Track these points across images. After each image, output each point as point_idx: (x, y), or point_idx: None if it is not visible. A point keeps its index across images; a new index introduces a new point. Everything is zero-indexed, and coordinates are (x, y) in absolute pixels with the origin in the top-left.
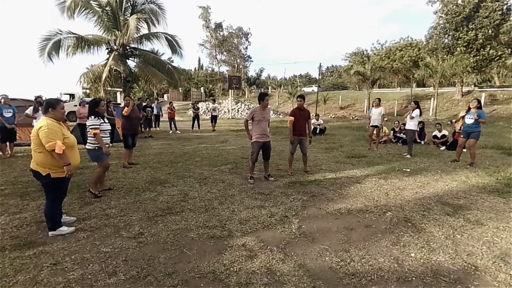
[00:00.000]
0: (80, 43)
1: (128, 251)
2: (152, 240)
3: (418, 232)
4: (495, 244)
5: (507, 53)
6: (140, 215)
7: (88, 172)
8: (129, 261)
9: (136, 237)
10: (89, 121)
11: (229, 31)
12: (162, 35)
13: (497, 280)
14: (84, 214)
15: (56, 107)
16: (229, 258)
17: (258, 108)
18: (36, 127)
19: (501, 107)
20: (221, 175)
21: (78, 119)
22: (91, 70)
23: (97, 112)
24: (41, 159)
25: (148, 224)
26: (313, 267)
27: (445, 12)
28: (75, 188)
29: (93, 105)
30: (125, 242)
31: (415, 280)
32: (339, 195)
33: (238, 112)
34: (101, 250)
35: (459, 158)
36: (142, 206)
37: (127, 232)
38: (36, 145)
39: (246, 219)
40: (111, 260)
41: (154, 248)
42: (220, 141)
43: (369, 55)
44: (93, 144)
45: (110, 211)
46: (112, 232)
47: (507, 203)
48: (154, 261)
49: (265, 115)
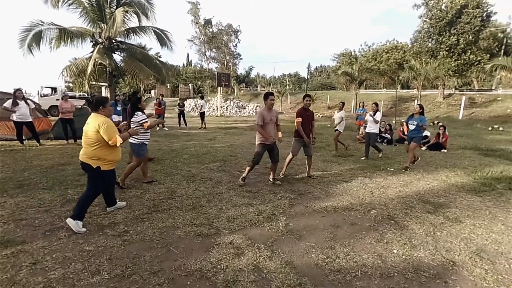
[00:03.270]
0: (63, 35)
1: (113, 249)
2: (137, 238)
3: (401, 229)
4: (472, 241)
5: (486, 58)
6: (125, 213)
7: (70, 168)
8: (114, 260)
9: (121, 235)
10: (138, 117)
11: (218, 27)
12: (151, 29)
13: (473, 275)
14: (66, 212)
15: (106, 105)
16: (216, 256)
17: (265, 110)
18: (93, 125)
19: (479, 109)
20: (209, 172)
21: (61, 113)
22: (75, 63)
23: (140, 108)
24: (95, 153)
25: (133, 222)
26: (300, 264)
27: (429, 16)
28: (57, 185)
29: (136, 101)
30: (110, 240)
31: (397, 276)
32: (325, 194)
33: (227, 110)
34: (84, 249)
35: (415, 160)
36: (127, 204)
37: (112, 230)
38: (94, 140)
39: (233, 217)
40: (94, 259)
41: (140, 246)
42: (208, 138)
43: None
44: (138, 139)
45: (93, 208)
46: (96, 230)
47: (483, 202)
48: (139, 260)
49: (272, 117)
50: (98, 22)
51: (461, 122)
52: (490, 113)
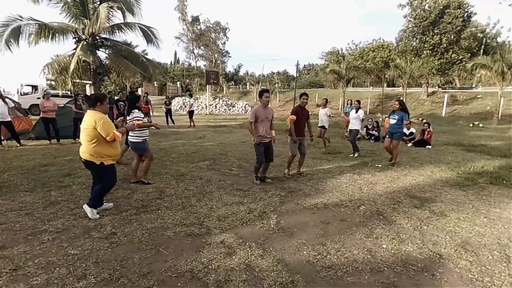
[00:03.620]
0: (44, 30)
1: (99, 252)
2: (125, 240)
3: (389, 224)
4: (457, 234)
5: (467, 57)
6: (112, 214)
7: (53, 169)
8: (100, 263)
9: (108, 237)
10: (134, 114)
11: (206, 25)
12: (137, 26)
13: (459, 267)
14: (49, 215)
15: (103, 102)
16: (208, 255)
17: (260, 107)
18: (89, 122)
19: (461, 107)
20: (198, 171)
21: (42, 112)
22: (57, 60)
23: (138, 106)
24: (96, 150)
25: (121, 223)
26: (292, 262)
27: (413, 16)
28: (39, 187)
29: (134, 100)
30: (96, 243)
31: (386, 270)
32: (316, 191)
33: (216, 108)
34: (68, 253)
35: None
36: (114, 205)
37: (98, 233)
38: (92, 137)
39: (224, 216)
40: (80, 263)
41: (128, 248)
42: (197, 137)
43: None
44: (140, 137)
45: (78, 210)
46: (81, 233)
47: (466, 196)
48: (127, 262)
49: (267, 115)
50: (81, 17)
51: (444, 119)
52: (471, 110)
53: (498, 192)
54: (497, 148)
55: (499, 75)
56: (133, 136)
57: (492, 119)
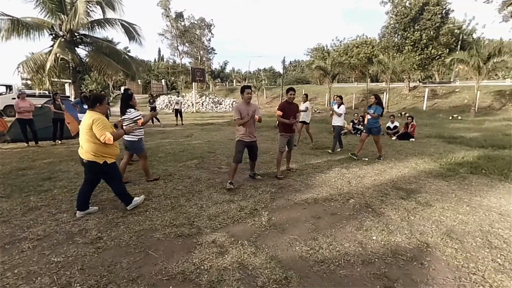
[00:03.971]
0: (16, 26)
1: (85, 258)
2: (112, 244)
3: (378, 216)
4: (442, 223)
5: (446, 53)
6: (97, 218)
7: (32, 173)
8: (86, 270)
9: (93, 242)
10: (132, 114)
11: (190, 21)
12: (118, 22)
13: (445, 255)
14: (28, 221)
15: (102, 103)
16: (199, 256)
17: (242, 104)
18: (87, 122)
19: (440, 101)
20: (187, 170)
21: (18, 113)
22: (32, 58)
23: (131, 105)
24: (98, 149)
25: (107, 227)
26: (285, 258)
27: (395, 13)
28: (17, 192)
29: (127, 98)
30: (81, 249)
31: (377, 262)
32: (305, 186)
33: (202, 106)
34: (51, 260)
35: (358, 153)
36: (99, 208)
37: (83, 238)
38: (91, 136)
39: (215, 215)
40: (64, 271)
41: (116, 252)
42: (185, 135)
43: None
44: (136, 136)
45: (61, 215)
46: (65, 239)
47: (449, 186)
48: (115, 267)
49: (249, 112)
50: (58, 13)
51: (425, 112)
52: (450, 103)
53: (478, 181)
54: (475, 139)
55: (475, 69)
56: (129, 135)
57: (470, 111)
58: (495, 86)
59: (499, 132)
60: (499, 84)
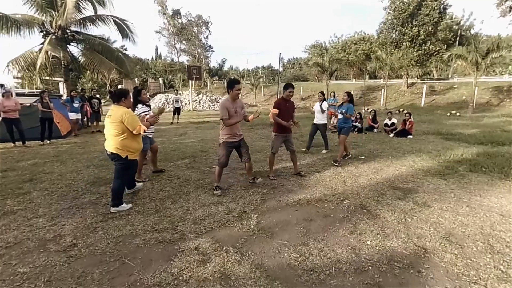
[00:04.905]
0: (5, 23)
1: (54, 268)
2: (86, 252)
3: (373, 218)
4: (441, 225)
5: (444, 48)
6: (75, 222)
7: (12, 175)
8: (54, 282)
9: (67, 250)
10: (139, 109)
11: (188, 18)
12: (110, 19)
13: (444, 261)
14: (0, 227)
15: (127, 97)
16: (179, 265)
17: (228, 101)
18: (116, 116)
19: (438, 97)
20: (176, 170)
21: (3, 113)
22: (23, 56)
23: (141, 101)
24: (124, 143)
25: (84, 232)
26: (271, 266)
27: (392, 8)
28: None
29: (136, 94)
30: (52, 257)
31: (371, 270)
32: (299, 186)
33: (199, 104)
34: (16, 271)
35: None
36: (79, 212)
37: (56, 245)
38: (120, 130)
39: (201, 218)
40: (29, 283)
41: (89, 261)
42: (178, 134)
43: (327, 48)
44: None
45: (36, 220)
46: (36, 246)
47: (448, 185)
48: (86, 279)
49: (237, 109)
50: (48, 9)
51: (423, 109)
52: (448, 100)
53: (478, 180)
54: (474, 136)
55: (473, 65)
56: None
57: (468, 108)
58: (493, 82)
59: (498, 128)
60: (497, 80)
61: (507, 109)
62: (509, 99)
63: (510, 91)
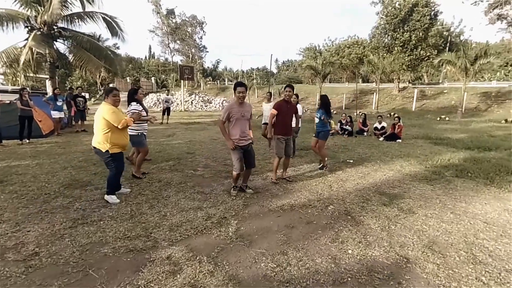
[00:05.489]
0: None
1: (9, 280)
2: (48, 262)
3: (357, 225)
4: (424, 233)
5: (434, 54)
6: (41, 228)
7: None
8: None
9: (26, 259)
10: (131, 107)
11: (182, 18)
12: (100, 16)
13: (426, 272)
14: None
15: (109, 95)
16: (147, 276)
17: (234, 104)
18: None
19: (429, 101)
20: (158, 173)
21: None
22: (5, 51)
23: (137, 99)
24: (104, 138)
25: (49, 240)
26: (246, 277)
27: (385, 13)
28: None
29: (132, 93)
30: (9, 268)
31: (350, 281)
32: (284, 190)
33: (192, 105)
34: None
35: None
36: (47, 217)
37: (16, 254)
38: (103, 126)
39: (177, 225)
40: None
41: (49, 272)
42: (166, 135)
43: (321, 51)
44: (137, 130)
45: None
46: None
47: (434, 190)
48: None
49: (244, 113)
50: (33, 4)
51: (414, 113)
52: (438, 104)
53: (464, 185)
54: (461, 141)
55: (463, 70)
56: (130, 129)
57: (457, 112)
58: (482, 87)
59: (485, 133)
60: (485, 86)
61: (495, 114)
62: (496, 105)
63: (497, 97)
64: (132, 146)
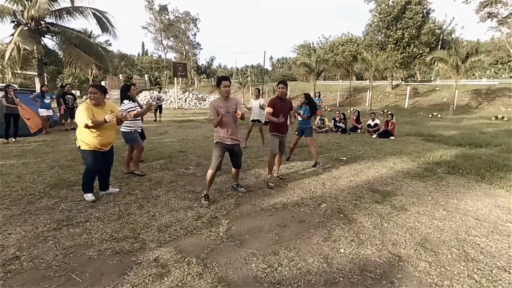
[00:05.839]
0: None
1: None
2: (29, 266)
3: (349, 223)
4: (416, 230)
5: (426, 51)
6: (24, 231)
7: None
8: None
9: (6, 264)
10: (125, 105)
11: (175, 15)
12: (89, 11)
13: (418, 270)
14: None
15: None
16: (133, 280)
17: (218, 100)
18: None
19: (421, 99)
20: (149, 172)
21: None
22: None
23: (129, 96)
24: (78, 134)
25: (32, 243)
26: (235, 279)
27: (378, 11)
28: None
29: (125, 90)
30: None
31: (342, 281)
32: (276, 188)
33: (185, 102)
34: None
35: (290, 155)
36: (31, 219)
37: None
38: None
39: (167, 225)
40: None
41: (29, 277)
42: (158, 133)
43: (315, 48)
44: (129, 127)
45: None
46: None
47: (426, 187)
48: None
49: (229, 109)
50: None
51: (407, 110)
52: (430, 101)
53: (455, 182)
54: (453, 138)
55: (454, 68)
56: (123, 126)
57: (448, 110)
58: (473, 85)
59: (476, 130)
60: (476, 83)
61: (485, 111)
62: (487, 102)
63: (488, 94)
64: (126, 144)
